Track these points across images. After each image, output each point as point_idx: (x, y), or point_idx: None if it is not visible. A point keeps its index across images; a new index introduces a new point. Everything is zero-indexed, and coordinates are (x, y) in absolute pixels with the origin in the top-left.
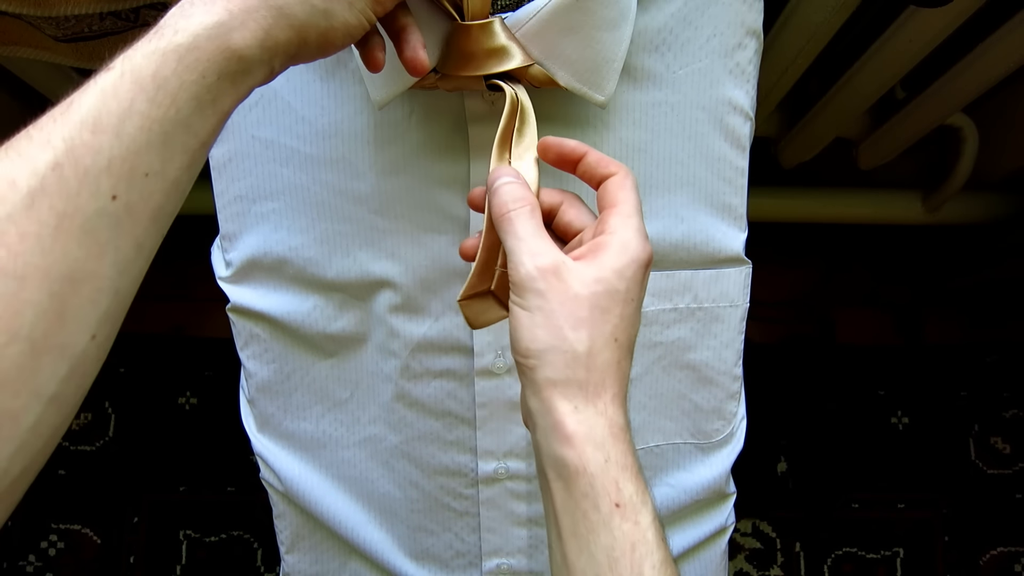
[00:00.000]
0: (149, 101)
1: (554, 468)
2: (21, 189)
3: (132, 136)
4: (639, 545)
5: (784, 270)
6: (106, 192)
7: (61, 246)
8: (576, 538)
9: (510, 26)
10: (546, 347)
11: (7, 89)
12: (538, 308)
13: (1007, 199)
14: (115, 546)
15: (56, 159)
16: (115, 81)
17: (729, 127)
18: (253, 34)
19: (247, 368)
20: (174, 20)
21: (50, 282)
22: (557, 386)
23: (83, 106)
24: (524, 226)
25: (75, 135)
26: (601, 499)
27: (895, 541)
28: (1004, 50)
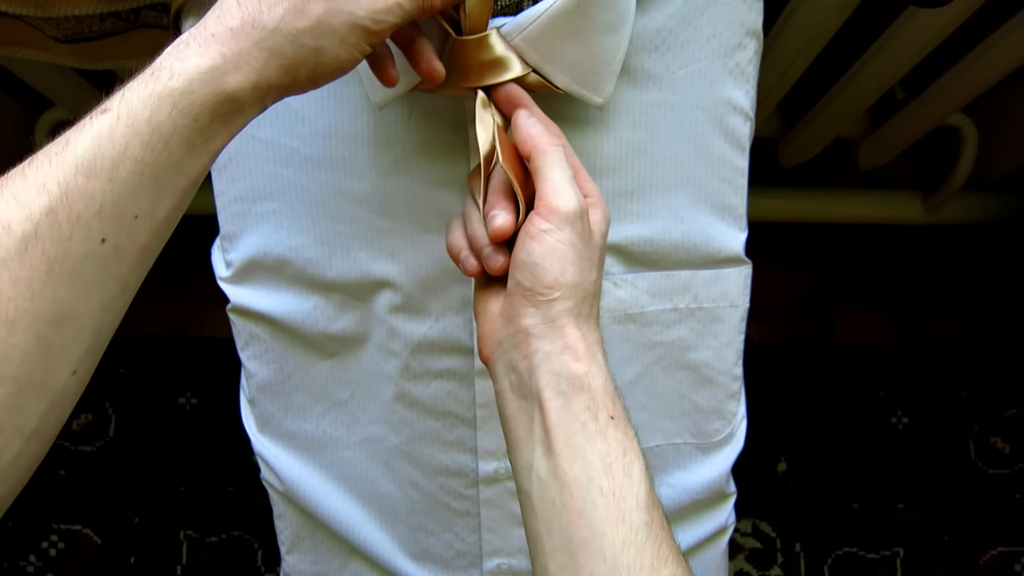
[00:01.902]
0: (143, 145)
1: (557, 384)
2: (16, 234)
3: (124, 181)
4: (629, 450)
5: (784, 270)
6: (96, 236)
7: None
8: (571, 448)
9: (511, 31)
10: (572, 282)
11: (7, 89)
12: (572, 244)
13: (1007, 199)
14: (115, 546)
15: (51, 204)
16: (111, 125)
17: (729, 127)
18: (246, 76)
19: (247, 368)
20: (170, 63)
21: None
22: (570, 314)
23: (79, 149)
24: (567, 164)
25: (70, 180)
26: (600, 411)
27: (895, 541)
28: (1004, 50)
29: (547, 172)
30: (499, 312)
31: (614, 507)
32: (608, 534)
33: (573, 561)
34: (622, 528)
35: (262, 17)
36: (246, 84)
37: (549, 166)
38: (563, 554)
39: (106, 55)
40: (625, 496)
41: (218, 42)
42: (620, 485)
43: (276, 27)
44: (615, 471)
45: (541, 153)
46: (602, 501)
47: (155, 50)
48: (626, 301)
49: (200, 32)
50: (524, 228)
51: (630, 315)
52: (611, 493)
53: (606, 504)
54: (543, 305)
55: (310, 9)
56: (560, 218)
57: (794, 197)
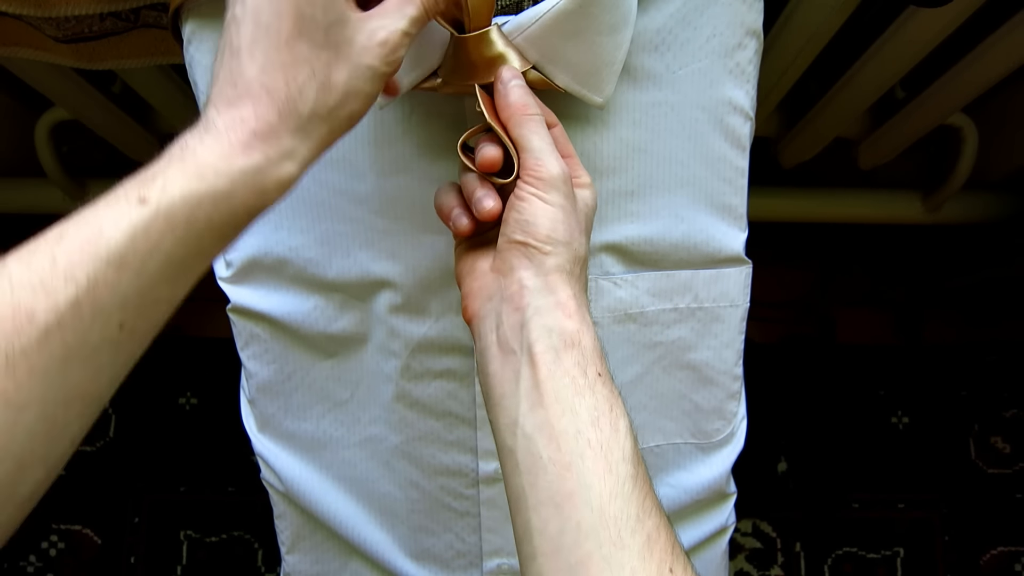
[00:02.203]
0: (176, 241)
1: (548, 339)
2: (39, 324)
3: (152, 273)
4: (615, 406)
5: (784, 270)
6: (115, 323)
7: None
8: (559, 402)
9: (512, 30)
10: (564, 240)
11: (7, 89)
12: (561, 207)
13: (1007, 199)
14: (116, 546)
15: (77, 296)
16: (148, 221)
17: (729, 127)
18: (288, 173)
19: (247, 368)
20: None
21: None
22: (562, 273)
23: (112, 242)
24: (546, 132)
25: (99, 273)
26: (589, 367)
27: (895, 541)
28: (1004, 50)
29: (527, 142)
30: (489, 268)
31: (601, 459)
32: (595, 485)
33: (558, 513)
34: (609, 480)
35: (296, 105)
36: (287, 179)
37: (527, 136)
38: (548, 507)
39: (106, 55)
40: (612, 449)
41: (261, 140)
42: (607, 438)
43: (311, 112)
44: (603, 425)
45: (518, 124)
46: (590, 453)
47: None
48: (626, 301)
49: (240, 126)
50: (514, 193)
51: (630, 315)
52: (599, 446)
53: (594, 456)
54: (537, 258)
55: (335, 80)
56: (546, 183)
57: (794, 197)
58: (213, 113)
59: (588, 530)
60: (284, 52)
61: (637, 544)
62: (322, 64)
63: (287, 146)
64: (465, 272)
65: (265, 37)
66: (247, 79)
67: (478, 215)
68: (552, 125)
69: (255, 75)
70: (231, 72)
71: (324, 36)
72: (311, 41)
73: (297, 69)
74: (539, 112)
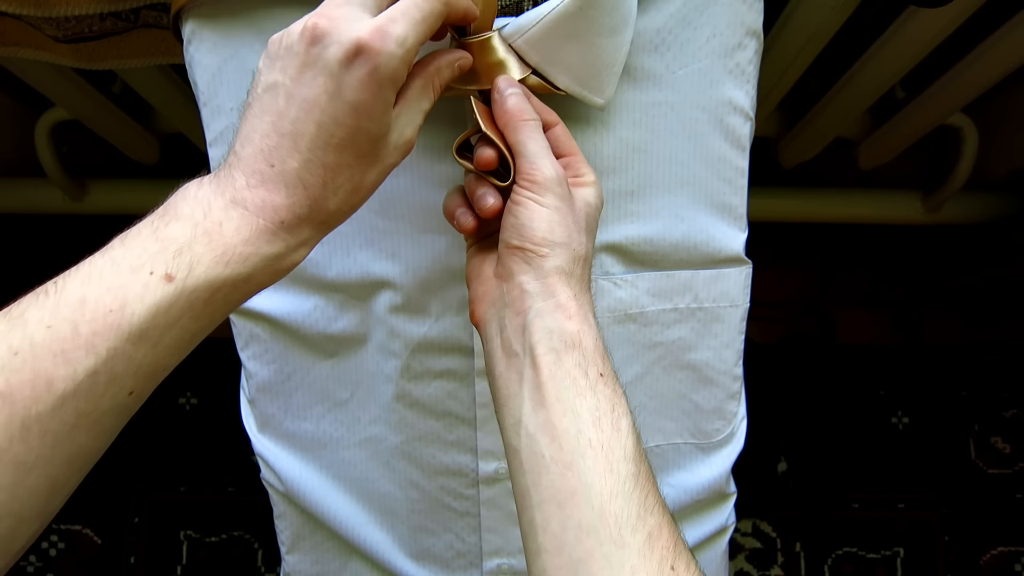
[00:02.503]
0: (193, 318)
1: (549, 341)
2: (56, 391)
3: (167, 346)
4: (617, 406)
5: (784, 270)
6: (126, 391)
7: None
8: (561, 403)
9: (512, 32)
10: (561, 241)
11: (7, 89)
12: (556, 208)
13: (1007, 199)
14: (115, 546)
15: (96, 367)
16: (171, 301)
17: (729, 127)
18: (301, 257)
19: (247, 368)
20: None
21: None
22: (562, 274)
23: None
24: (541, 137)
25: (119, 345)
26: (590, 368)
27: (895, 541)
28: (1004, 50)
29: (522, 147)
30: (493, 274)
31: (602, 459)
32: (596, 484)
33: (560, 512)
34: (610, 479)
35: (327, 203)
36: (298, 262)
37: (523, 141)
38: (550, 505)
39: (106, 55)
40: (613, 448)
41: (286, 231)
42: (608, 438)
43: (337, 209)
44: (604, 425)
45: (514, 129)
46: (591, 453)
47: (155, 50)
48: (626, 301)
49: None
50: (510, 198)
51: (630, 315)
52: (600, 445)
53: (594, 456)
54: (535, 261)
55: (366, 182)
56: (539, 186)
57: (794, 197)
58: (242, 182)
59: (589, 528)
60: (331, 155)
61: (637, 542)
62: (360, 170)
63: (306, 236)
64: (473, 276)
65: (316, 135)
66: (286, 167)
67: (479, 212)
68: (554, 124)
69: (296, 167)
70: (269, 149)
71: (370, 147)
72: (357, 151)
73: (338, 173)
74: (535, 117)
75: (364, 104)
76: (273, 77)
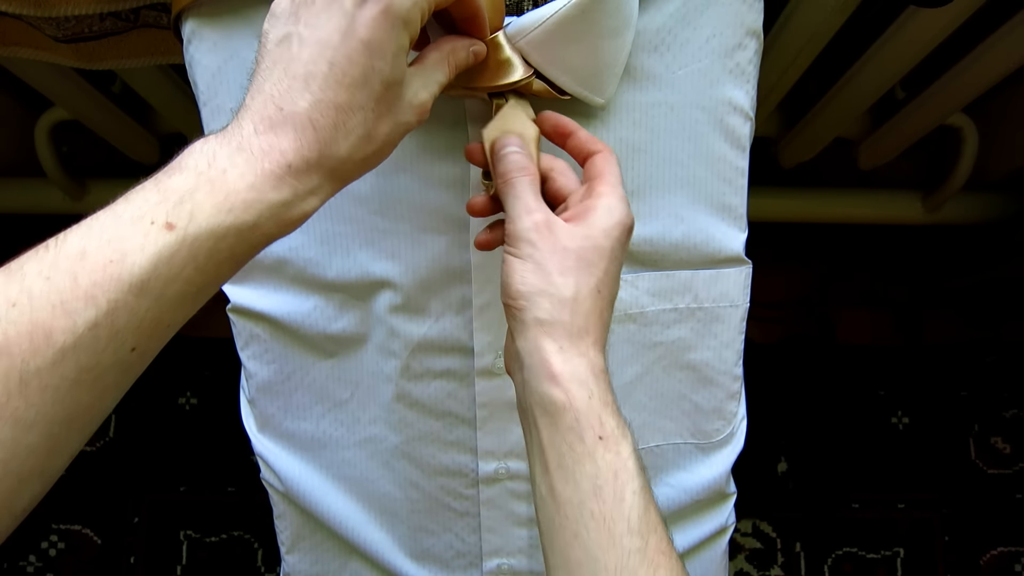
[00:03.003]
0: (197, 270)
1: (540, 405)
2: (56, 344)
3: (170, 299)
4: (621, 473)
5: (784, 270)
6: (128, 347)
7: (73, 395)
8: (562, 469)
9: (515, 33)
10: (535, 290)
11: (7, 89)
12: (529, 256)
13: (1007, 199)
14: (115, 546)
15: (96, 319)
16: (173, 250)
17: (729, 127)
18: (311, 207)
19: (247, 368)
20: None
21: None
22: (543, 326)
23: (136, 268)
24: (525, 190)
25: (120, 297)
26: (586, 432)
27: (895, 541)
28: (1004, 50)
29: (506, 207)
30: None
31: (605, 532)
32: (600, 559)
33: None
34: (613, 554)
35: (337, 148)
36: (309, 213)
37: (506, 200)
38: (562, 572)
39: (106, 55)
40: (616, 520)
41: (294, 176)
42: (611, 510)
43: (348, 156)
44: (605, 495)
45: (501, 190)
46: (593, 525)
47: (155, 50)
48: (626, 301)
49: (277, 158)
50: None
51: (630, 315)
52: (601, 518)
53: (597, 528)
54: (517, 316)
55: (378, 133)
56: (513, 238)
57: (794, 197)
58: (249, 129)
59: None
60: (342, 94)
61: None
62: (373, 116)
63: (316, 183)
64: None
65: (328, 73)
66: (296, 108)
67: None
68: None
69: (306, 107)
70: (279, 93)
71: (383, 91)
72: (371, 92)
73: (350, 114)
74: (524, 173)
75: (377, 43)
76: (285, 29)
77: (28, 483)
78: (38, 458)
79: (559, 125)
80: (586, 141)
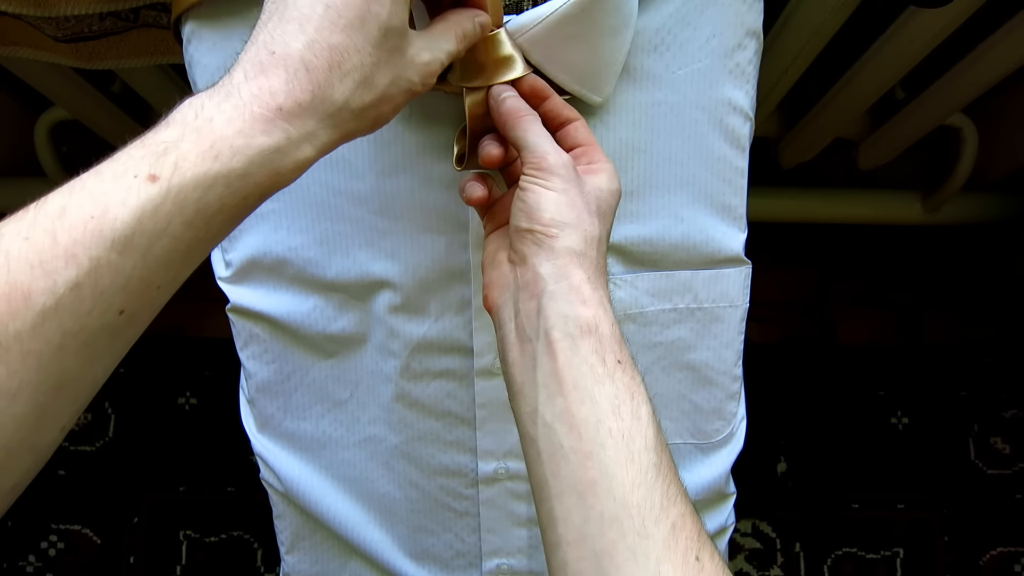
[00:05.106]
0: (185, 224)
1: (564, 327)
2: (35, 306)
3: (157, 256)
4: (637, 394)
5: (784, 271)
6: (116, 308)
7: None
8: (579, 390)
9: (515, 30)
10: (570, 221)
11: (7, 89)
12: (564, 191)
13: (1007, 199)
14: (115, 546)
15: (78, 279)
16: (157, 202)
17: (729, 127)
18: (306, 156)
19: (247, 368)
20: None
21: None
22: (576, 256)
23: (118, 222)
24: (541, 128)
25: (102, 255)
26: (608, 355)
27: (895, 541)
28: (1004, 50)
29: (523, 141)
30: (507, 259)
31: (623, 448)
32: (617, 475)
33: (581, 503)
34: (631, 469)
35: (332, 91)
36: (304, 163)
37: (522, 135)
38: (571, 496)
39: (106, 55)
40: (634, 437)
41: (285, 119)
42: (629, 427)
43: (345, 102)
44: (623, 413)
45: (513, 127)
46: (611, 442)
47: (155, 50)
48: (626, 301)
49: (267, 100)
50: (517, 186)
51: (629, 315)
52: (620, 435)
53: (615, 445)
54: (546, 243)
55: (377, 81)
56: (544, 171)
57: (794, 197)
58: (239, 77)
59: (611, 519)
60: (337, 35)
61: (662, 533)
62: (371, 61)
63: (310, 128)
64: (487, 263)
65: (323, 14)
66: (289, 50)
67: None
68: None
69: (299, 48)
70: (273, 38)
71: (382, 37)
72: (368, 36)
73: (346, 56)
74: (532, 113)
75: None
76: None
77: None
78: (27, 430)
79: (536, 87)
80: (562, 106)
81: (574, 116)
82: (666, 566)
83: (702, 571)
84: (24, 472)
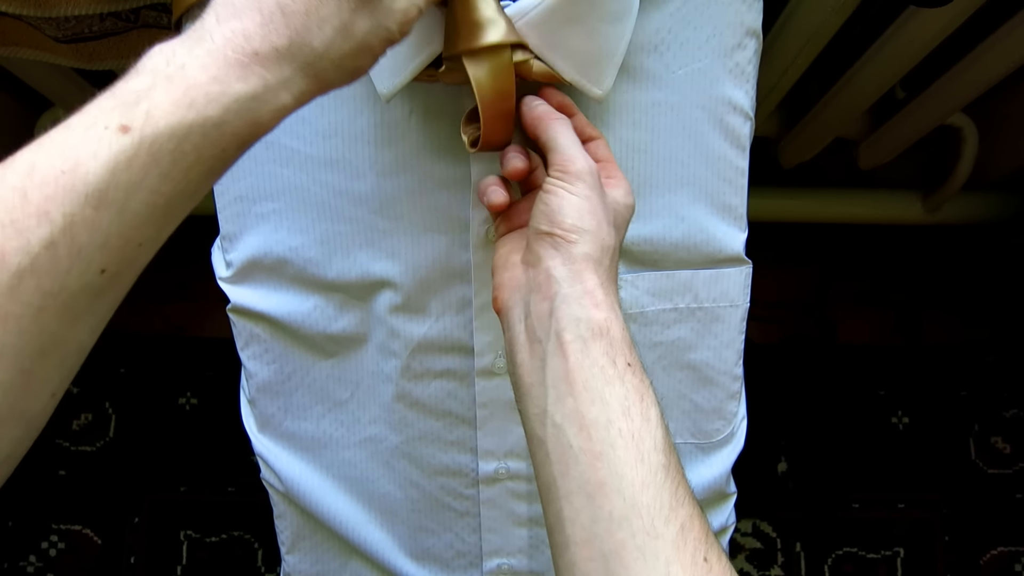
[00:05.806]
0: (162, 176)
1: (576, 328)
2: (10, 267)
3: (136, 212)
4: (646, 396)
5: (784, 270)
6: (96, 267)
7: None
8: (589, 391)
9: (514, 15)
10: (590, 228)
11: (7, 89)
12: (587, 197)
13: (1007, 199)
14: (116, 546)
15: (52, 237)
16: (131, 154)
17: (729, 127)
18: (283, 103)
19: (247, 368)
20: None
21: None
22: (591, 262)
23: (90, 176)
24: (572, 132)
25: (77, 211)
26: (618, 357)
27: (895, 541)
28: (1004, 50)
29: (553, 142)
30: (520, 260)
31: (633, 449)
32: (627, 475)
33: (590, 503)
34: (641, 469)
35: (311, 38)
36: (282, 111)
37: (553, 137)
38: (579, 496)
39: (106, 55)
40: (644, 438)
41: (261, 65)
42: (639, 428)
43: (324, 50)
44: (633, 414)
45: (545, 128)
46: (621, 443)
47: None
48: (626, 301)
49: (242, 44)
50: (541, 188)
51: (630, 315)
52: (630, 435)
53: (625, 446)
54: (564, 247)
55: (356, 29)
56: (571, 176)
57: (794, 197)
58: (211, 21)
59: (620, 519)
60: None
61: (671, 533)
62: (348, 8)
63: (287, 74)
64: (499, 265)
65: None
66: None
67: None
68: (596, 138)
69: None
70: None
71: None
72: None
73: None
74: (564, 118)
75: None
76: None
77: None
78: (14, 396)
79: (564, 104)
80: (586, 124)
81: (596, 135)
82: (675, 567)
83: (710, 572)
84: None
